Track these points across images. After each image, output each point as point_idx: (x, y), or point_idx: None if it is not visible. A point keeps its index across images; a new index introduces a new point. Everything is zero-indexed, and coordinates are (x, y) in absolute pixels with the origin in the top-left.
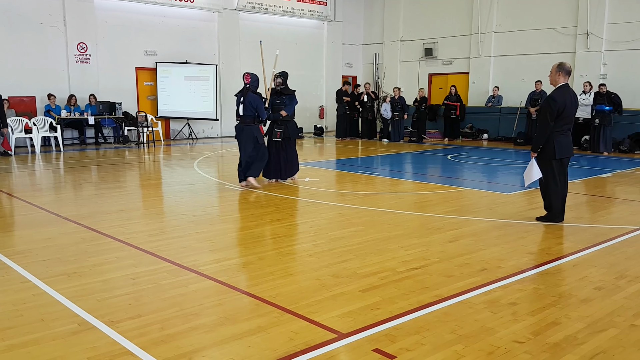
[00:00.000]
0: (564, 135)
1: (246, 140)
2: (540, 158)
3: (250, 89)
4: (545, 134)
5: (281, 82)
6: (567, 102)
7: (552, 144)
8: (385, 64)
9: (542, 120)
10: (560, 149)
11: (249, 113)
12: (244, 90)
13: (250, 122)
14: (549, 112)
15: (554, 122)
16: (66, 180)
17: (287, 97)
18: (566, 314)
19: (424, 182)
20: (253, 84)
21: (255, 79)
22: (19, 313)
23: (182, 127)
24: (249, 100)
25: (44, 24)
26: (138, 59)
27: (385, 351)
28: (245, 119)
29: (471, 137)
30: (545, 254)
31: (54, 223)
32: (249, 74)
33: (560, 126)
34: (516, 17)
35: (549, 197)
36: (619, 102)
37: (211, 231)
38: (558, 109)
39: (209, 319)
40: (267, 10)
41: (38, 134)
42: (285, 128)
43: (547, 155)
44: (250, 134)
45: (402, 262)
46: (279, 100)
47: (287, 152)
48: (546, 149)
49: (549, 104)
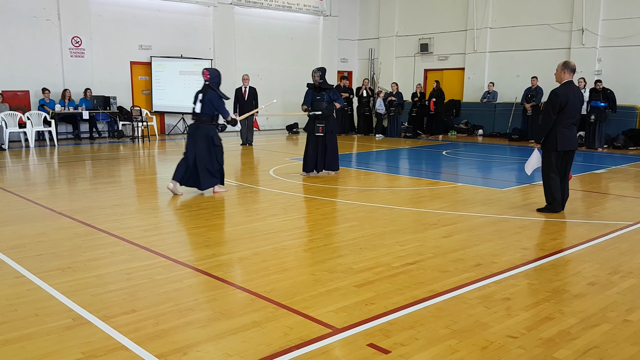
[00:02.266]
0: (567, 129)
1: (200, 139)
2: (543, 149)
3: (210, 86)
4: (547, 126)
5: (319, 77)
6: (569, 97)
7: (555, 136)
8: (381, 59)
9: (545, 113)
10: (563, 141)
11: (207, 112)
12: (204, 87)
13: (208, 122)
14: (551, 105)
15: (558, 115)
16: (60, 174)
17: (330, 91)
18: (560, 309)
19: (419, 178)
20: (213, 81)
21: (215, 75)
22: (13, 308)
23: (177, 122)
24: (209, 98)
25: (38, 18)
26: (133, 54)
27: (380, 346)
28: (201, 118)
29: (466, 132)
30: (540, 249)
31: (48, 218)
32: (207, 70)
33: (564, 120)
34: (512, 13)
35: (550, 188)
36: (614, 99)
37: (206, 226)
38: (560, 103)
39: (203, 314)
40: (263, 5)
41: (32, 128)
42: (326, 123)
43: (549, 147)
44: (205, 132)
45: (397, 258)
46: (319, 97)
47: (328, 146)
48: (549, 141)
49: (551, 98)
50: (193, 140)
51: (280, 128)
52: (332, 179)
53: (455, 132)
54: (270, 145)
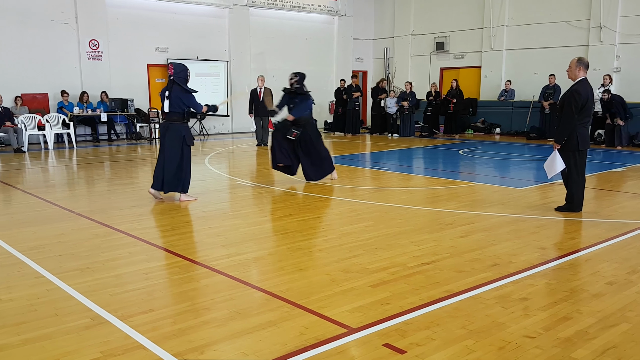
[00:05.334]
0: (585, 128)
1: (172, 141)
2: (563, 149)
3: (176, 81)
4: (569, 126)
5: (296, 81)
6: (589, 96)
7: (576, 136)
8: (396, 58)
9: (567, 112)
10: (583, 141)
11: (177, 109)
12: (169, 83)
13: (179, 120)
14: (574, 104)
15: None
16: (79, 176)
17: (300, 97)
18: (578, 308)
19: (435, 177)
20: (178, 75)
21: (181, 69)
22: (33, 308)
23: (193, 123)
24: (176, 95)
25: (56, 21)
26: (149, 56)
27: (396, 346)
28: (171, 116)
29: (483, 131)
30: (558, 248)
31: (68, 219)
32: (172, 65)
33: (582, 119)
34: (528, 10)
35: (571, 188)
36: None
37: (222, 226)
38: (582, 101)
39: (220, 313)
40: (277, 6)
41: (51, 130)
42: (304, 130)
43: (571, 147)
44: (177, 133)
45: (413, 258)
46: (292, 105)
47: (312, 155)
48: (570, 141)
49: (574, 97)
50: (164, 145)
51: None
52: (345, 179)
53: (472, 131)
54: None
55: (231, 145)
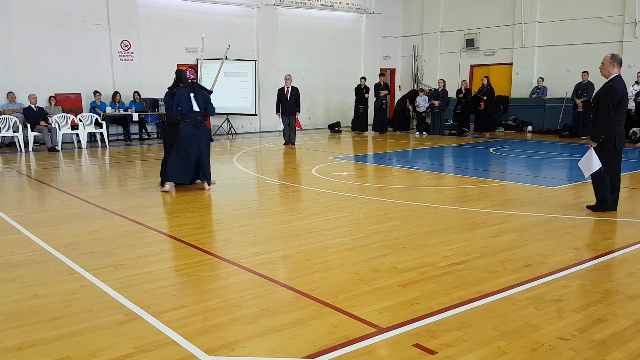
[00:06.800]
0: (621, 126)
1: (206, 138)
2: (600, 148)
3: (198, 84)
4: (607, 124)
5: None
6: (624, 93)
7: (613, 134)
8: (424, 56)
9: (603, 110)
10: (620, 139)
11: (203, 109)
12: (192, 85)
13: (203, 119)
14: (610, 101)
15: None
16: (112, 175)
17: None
18: (613, 310)
19: (465, 176)
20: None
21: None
22: (67, 304)
23: (222, 122)
24: (202, 96)
25: (88, 22)
26: (179, 56)
27: (426, 346)
28: (197, 116)
29: (515, 129)
30: (592, 249)
31: (101, 216)
32: (191, 69)
33: (618, 116)
34: (561, 5)
35: (599, 187)
36: None
37: (251, 225)
38: (619, 98)
39: (249, 310)
40: (305, 5)
41: (84, 130)
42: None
43: (608, 145)
44: (208, 133)
45: (443, 257)
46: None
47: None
48: (607, 139)
49: (610, 93)
50: (197, 140)
51: (322, 127)
52: (372, 178)
53: (503, 129)
54: (313, 145)
55: (259, 144)
